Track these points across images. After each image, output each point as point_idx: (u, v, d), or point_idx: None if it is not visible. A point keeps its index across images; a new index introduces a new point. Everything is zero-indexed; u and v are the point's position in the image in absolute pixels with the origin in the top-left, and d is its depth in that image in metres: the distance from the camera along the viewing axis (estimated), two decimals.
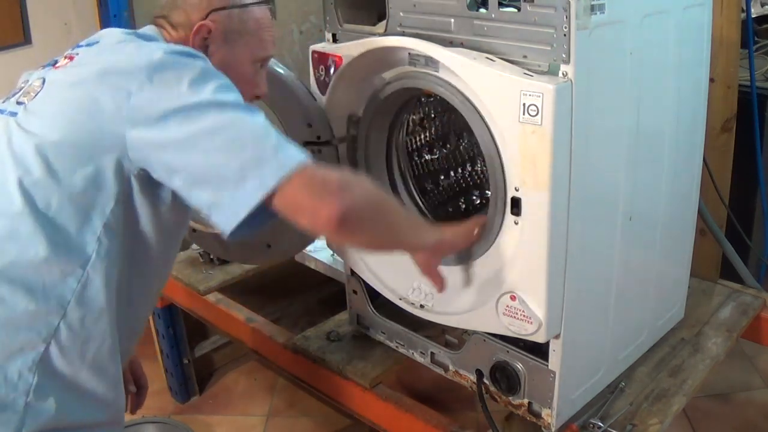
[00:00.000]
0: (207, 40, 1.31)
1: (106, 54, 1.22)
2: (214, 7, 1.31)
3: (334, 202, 1.09)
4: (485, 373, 1.65)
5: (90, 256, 1.14)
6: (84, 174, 1.13)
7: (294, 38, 2.65)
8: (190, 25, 1.30)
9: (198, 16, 1.30)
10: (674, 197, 1.74)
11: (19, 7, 2.86)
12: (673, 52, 1.58)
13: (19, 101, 1.22)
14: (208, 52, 1.29)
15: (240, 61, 1.34)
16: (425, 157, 1.90)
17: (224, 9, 1.31)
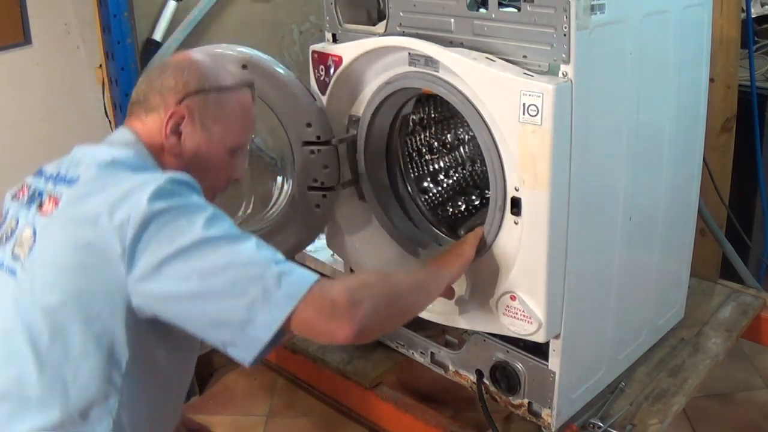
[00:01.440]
0: (180, 126, 1.24)
1: (93, 198, 1.11)
2: (189, 90, 1.24)
3: (346, 323, 1.08)
4: (485, 373, 1.65)
5: (114, 405, 1.11)
6: (94, 334, 1.09)
7: (294, 38, 2.65)
8: (165, 108, 1.24)
9: (173, 99, 1.24)
10: (674, 197, 1.74)
11: (19, 7, 2.86)
12: (673, 51, 1.58)
13: (15, 255, 1.16)
14: (181, 138, 1.24)
15: (215, 148, 1.27)
16: (425, 157, 1.90)
17: (200, 93, 1.25)
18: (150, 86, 1.26)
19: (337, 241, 1.78)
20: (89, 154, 1.21)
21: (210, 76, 1.26)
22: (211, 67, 1.28)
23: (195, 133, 1.25)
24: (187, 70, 1.25)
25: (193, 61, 1.27)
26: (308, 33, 2.67)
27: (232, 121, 1.28)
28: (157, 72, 1.27)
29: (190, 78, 1.24)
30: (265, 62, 1.59)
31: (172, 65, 1.27)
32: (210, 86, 1.25)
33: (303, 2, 2.64)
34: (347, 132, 1.66)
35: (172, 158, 1.24)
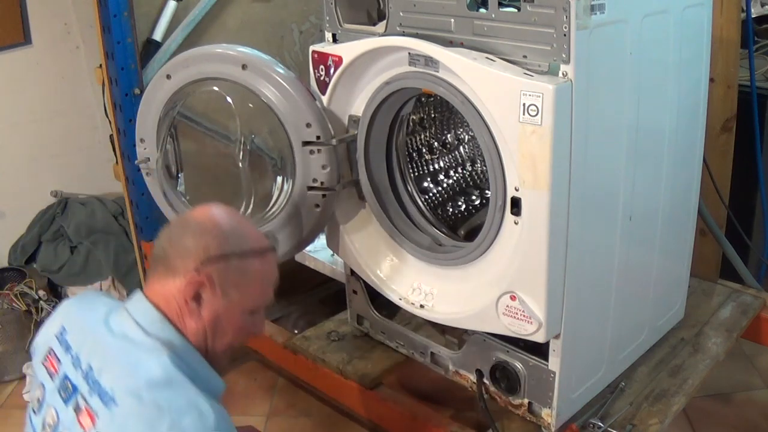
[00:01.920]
0: (199, 292, 1.20)
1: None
2: (210, 256, 1.20)
3: None
4: (485, 373, 1.65)
5: None
6: None
7: (294, 38, 2.65)
8: (184, 273, 1.20)
9: (193, 264, 1.19)
10: (674, 197, 1.74)
11: (19, 7, 2.86)
12: (673, 51, 1.58)
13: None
14: (200, 303, 1.21)
15: (234, 312, 1.24)
16: (425, 157, 1.90)
17: (222, 259, 1.20)
18: (171, 245, 1.22)
19: (337, 241, 1.78)
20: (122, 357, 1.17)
21: (232, 241, 1.22)
22: (234, 229, 1.24)
23: (215, 299, 1.21)
24: (209, 233, 1.21)
25: (215, 223, 1.23)
26: (308, 33, 2.67)
27: (253, 285, 1.25)
28: (179, 230, 1.24)
29: (211, 242, 1.20)
30: (265, 62, 1.59)
31: (194, 226, 1.23)
32: (232, 252, 1.21)
33: (303, 2, 2.64)
34: (347, 132, 1.66)
35: (192, 321, 1.22)
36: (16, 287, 2.87)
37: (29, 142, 3.03)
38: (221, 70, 1.61)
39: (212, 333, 1.23)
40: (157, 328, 1.19)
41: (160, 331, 1.19)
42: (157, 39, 2.36)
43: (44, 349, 1.28)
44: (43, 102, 3.04)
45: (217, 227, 1.22)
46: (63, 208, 3.08)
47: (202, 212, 1.25)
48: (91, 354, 1.20)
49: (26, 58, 2.95)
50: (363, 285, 1.85)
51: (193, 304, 1.21)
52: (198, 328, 1.22)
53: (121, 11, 2.19)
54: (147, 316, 1.21)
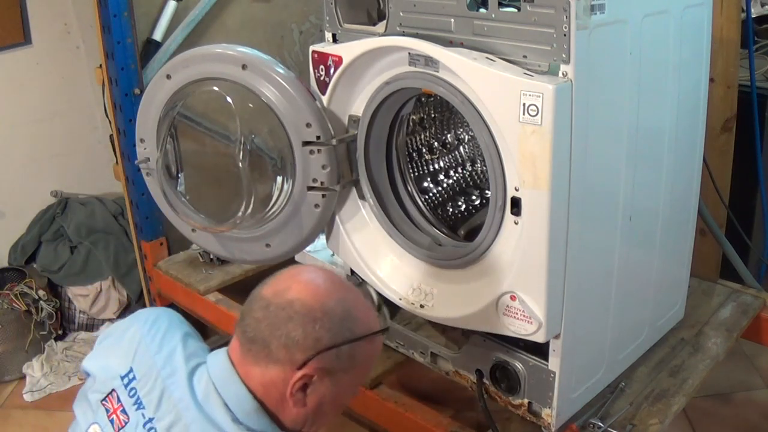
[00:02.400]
0: (308, 383, 1.12)
1: None
2: (320, 347, 1.09)
3: None
4: (485, 373, 1.65)
5: None
6: None
7: (294, 38, 2.65)
8: (290, 364, 1.10)
9: (302, 356, 1.09)
10: (674, 197, 1.74)
11: (19, 7, 2.86)
12: (673, 52, 1.58)
13: None
14: (306, 392, 1.12)
15: (341, 396, 1.17)
16: (425, 157, 1.90)
17: (332, 348, 1.10)
18: (273, 333, 1.10)
19: (337, 241, 1.78)
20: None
21: (344, 330, 1.12)
22: (347, 315, 1.13)
23: (323, 387, 1.13)
24: (319, 323, 1.10)
25: (325, 310, 1.11)
26: (308, 33, 2.67)
27: (363, 367, 1.18)
28: (282, 316, 1.10)
29: (323, 333, 1.10)
30: (265, 62, 1.59)
31: (302, 314, 1.10)
32: (344, 340, 1.11)
33: (303, 2, 2.64)
34: (347, 132, 1.66)
35: (294, 409, 1.14)
36: (16, 287, 2.88)
37: (29, 142, 3.03)
38: (221, 70, 1.61)
39: (314, 417, 1.16)
40: (253, 420, 1.11)
41: (254, 423, 1.11)
42: (157, 39, 2.36)
43: (105, 386, 1.20)
44: (43, 102, 3.04)
45: (327, 315, 1.11)
46: (63, 208, 3.08)
47: (308, 291, 1.12)
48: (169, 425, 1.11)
49: (26, 58, 2.95)
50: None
51: (299, 395, 1.12)
52: (299, 414, 1.14)
53: (121, 11, 2.19)
54: (243, 404, 1.12)
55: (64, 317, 3.04)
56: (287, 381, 1.10)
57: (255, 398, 1.12)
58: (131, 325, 1.27)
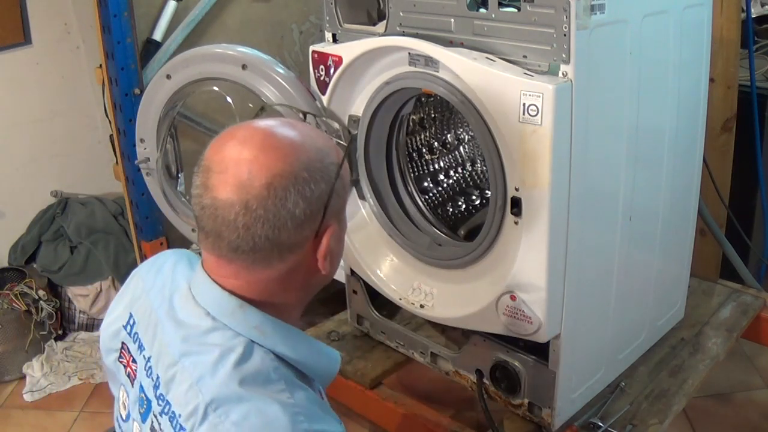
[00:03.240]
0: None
1: None
2: (326, 200, 0.97)
3: None
4: (485, 373, 1.65)
5: None
6: None
7: (294, 38, 2.65)
8: (307, 238, 0.97)
9: (315, 224, 0.96)
10: (674, 197, 1.74)
11: (19, 7, 2.86)
12: (673, 51, 1.58)
13: None
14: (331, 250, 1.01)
15: (345, 224, 1.08)
16: (425, 157, 1.90)
17: (332, 195, 0.98)
18: (276, 226, 0.93)
19: None
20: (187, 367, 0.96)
21: (329, 167, 0.99)
22: (320, 154, 0.98)
23: (338, 233, 1.02)
24: (311, 180, 0.95)
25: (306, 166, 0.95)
26: (308, 33, 2.67)
27: (349, 185, 1.06)
28: (276, 203, 0.93)
29: (320, 186, 0.96)
30: (265, 62, 1.59)
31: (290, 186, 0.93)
32: (334, 177, 0.99)
33: (303, 2, 2.64)
34: (347, 132, 1.66)
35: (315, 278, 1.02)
36: (16, 287, 2.87)
37: (29, 142, 3.03)
38: (221, 70, 1.61)
39: (334, 267, 1.04)
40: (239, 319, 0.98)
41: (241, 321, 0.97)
42: (157, 39, 2.36)
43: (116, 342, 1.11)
44: (43, 102, 3.04)
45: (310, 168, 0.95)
46: (63, 208, 3.08)
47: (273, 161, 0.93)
48: (159, 359, 1.00)
49: (26, 58, 2.95)
50: (363, 285, 1.85)
51: (329, 256, 1.00)
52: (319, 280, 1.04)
53: (121, 11, 2.18)
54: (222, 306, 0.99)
55: (64, 317, 3.03)
56: (310, 256, 0.98)
57: (235, 295, 0.98)
58: (135, 274, 1.18)
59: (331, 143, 1.03)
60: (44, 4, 2.93)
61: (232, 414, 0.90)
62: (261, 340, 0.97)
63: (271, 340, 0.98)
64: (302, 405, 0.93)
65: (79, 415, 2.65)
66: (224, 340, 0.96)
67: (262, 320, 0.98)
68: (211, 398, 0.92)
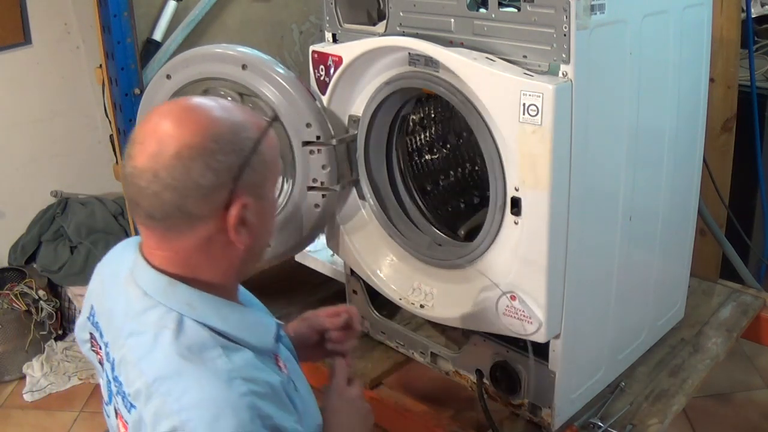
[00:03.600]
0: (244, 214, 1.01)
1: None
2: (234, 173, 0.98)
3: None
4: (485, 373, 1.65)
5: None
6: None
7: (294, 38, 2.65)
8: (216, 210, 0.99)
9: (224, 194, 0.98)
10: (674, 197, 1.74)
11: (19, 7, 2.86)
12: (673, 51, 1.58)
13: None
14: (248, 223, 1.01)
15: (273, 201, 1.09)
16: (425, 157, 1.90)
17: (244, 167, 0.99)
18: (182, 194, 0.96)
19: (337, 241, 1.78)
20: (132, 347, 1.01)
21: (244, 141, 1.00)
22: (234, 127, 1.00)
23: (258, 209, 1.03)
24: (219, 152, 0.97)
25: (215, 138, 0.98)
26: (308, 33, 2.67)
27: (274, 163, 1.06)
28: (182, 171, 0.96)
29: (229, 159, 0.98)
30: (265, 62, 1.59)
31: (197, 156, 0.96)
32: (249, 151, 1.00)
33: (303, 2, 2.64)
34: (347, 132, 1.66)
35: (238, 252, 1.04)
36: (16, 287, 2.88)
37: (29, 142, 3.03)
38: (221, 70, 1.61)
39: (262, 242, 1.08)
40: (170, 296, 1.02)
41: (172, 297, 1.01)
42: (157, 39, 2.36)
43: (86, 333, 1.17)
44: (43, 102, 3.04)
45: (219, 140, 0.98)
46: (63, 208, 3.08)
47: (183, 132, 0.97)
48: (113, 342, 1.06)
49: (26, 58, 2.95)
50: (363, 285, 1.85)
51: (244, 231, 1.01)
52: (243, 254, 1.05)
53: (121, 11, 2.18)
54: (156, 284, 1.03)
55: (64, 317, 3.04)
56: (221, 228, 1.00)
57: (166, 274, 1.02)
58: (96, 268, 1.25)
59: (254, 120, 1.05)
60: (44, 4, 2.93)
61: (173, 391, 0.94)
62: (192, 314, 1.01)
63: (201, 313, 1.01)
64: (240, 367, 0.97)
65: (79, 415, 2.65)
66: (158, 318, 1.00)
67: (192, 295, 1.02)
68: (153, 377, 0.96)
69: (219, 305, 1.04)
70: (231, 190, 0.99)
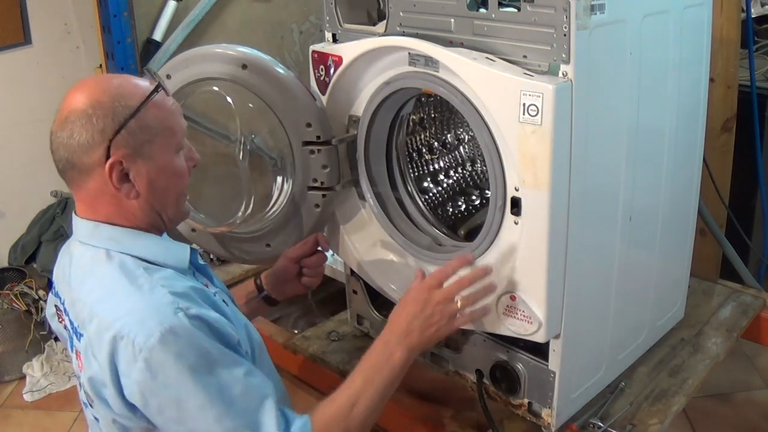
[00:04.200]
0: (124, 170, 1.19)
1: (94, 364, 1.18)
2: (109, 136, 1.16)
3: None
4: (485, 373, 1.65)
5: None
6: None
7: (294, 38, 2.66)
8: (98, 164, 1.17)
9: (101, 151, 1.17)
10: (674, 197, 1.74)
11: (19, 7, 2.86)
12: (673, 51, 1.58)
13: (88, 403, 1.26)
14: (131, 178, 1.20)
15: (164, 164, 1.23)
16: (425, 157, 1.90)
17: (120, 130, 1.17)
18: (69, 150, 1.18)
19: (337, 241, 1.78)
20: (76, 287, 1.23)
21: (119, 108, 1.17)
22: (113, 96, 1.18)
23: (141, 167, 1.20)
24: (94, 116, 1.16)
25: (93, 104, 1.17)
26: (308, 33, 2.68)
27: (163, 129, 1.22)
28: (68, 132, 1.17)
29: (103, 122, 1.16)
30: (265, 62, 1.59)
31: (77, 119, 1.16)
32: (125, 118, 1.17)
33: (303, 2, 2.65)
34: (347, 132, 1.66)
35: (134, 202, 1.22)
36: (16, 287, 2.88)
37: (29, 142, 3.03)
38: (221, 70, 1.61)
39: (159, 197, 1.24)
40: (96, 238, 1.23)
41: (99, 238, 1.22)
42: (157, 39, 2.36)
43: (52, 308, 1.38)
44: (43, 102, 3.04)
45: (96, 106, 1.16)
46: (63, 208, 3.08)
47: (73, 100, 1.18)
48: (65, 295, 1.27)
49: (26, 58, 2.95)
50: (363, 285, 1.85)
51: (126, 186, 1.20)
52: (142, 204, 1.23)
53: (121, 11, 2.19)
54: (82, 230, 1.24)
55: None
56: (106, 180, 1.18)
57: (89, 220, 1.23)
58: None
59: (140, 92, 1.21)
60: (44, 4, 2.93)
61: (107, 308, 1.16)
62: (117, 247, 1.22)
63: (124, 245, 1.22)
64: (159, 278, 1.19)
65: (79, 415, 2.65)
66: (90, 256, 1.22)
67: (114, 231, 1.23)
68: (92, 302, 1.18)
69: (139, 236, 1.24)
70: (106, 148, 1.17)
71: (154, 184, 1.22)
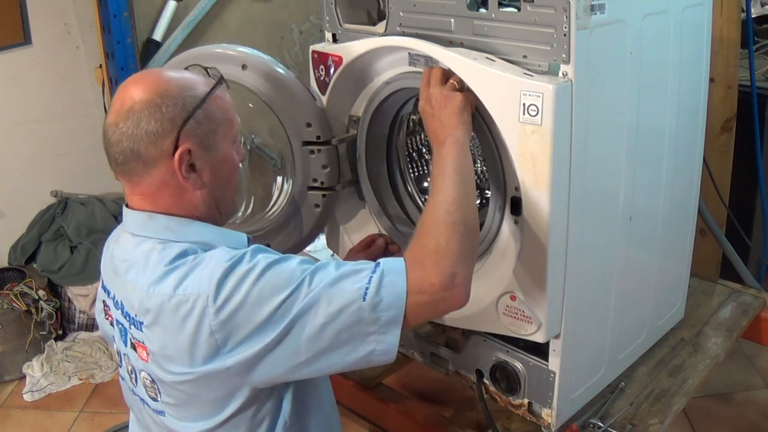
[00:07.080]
0: (191, 160, 1.18)
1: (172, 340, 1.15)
2: (179, 123, 1.16)
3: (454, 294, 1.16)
4: (485, 373, 1.65)
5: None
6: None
7: (294, 38, 2.66)
8: (165, 155, 1.17)
9: (169, 141, 1.16)
10: (674, 197, 1.74)
11: (19, 7, 2.86)
12: (673, 51, 1.58)
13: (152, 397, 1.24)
14: (197, 169, 1.19)
15: (225, 155, 1.24)
16: (425, 157, 1.90)
17: (189, 119, 1.17)
18: (135, 141, 1.16)
19: (337, 241, 1.78)
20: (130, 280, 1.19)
21: (187, 98, 1.18)
22: (181, 87, 1.19)
23: (206, 157, 1.20)
24: (164, 105, 1.16)
25: (161, 94, 1.17)
26: (308, 33, 2.68)
27: (225, 120, 1.23)
28: (134, 122, 1.16)
29: (172, 111, 1.16)
30: (265, 62, 1.59)
31: (145, 109, 1.16)
32: (193, 107, 1.18)
33: (303, 2, 2.65)
34: (347, 132, 1.66)
35: (198, 193, 1.21)
36: (16, 287, 2.88)
37: (29, 142, 3.04)
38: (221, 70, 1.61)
39: (221, 188, 1.24)
40: (151, 229, 1.20)
41: (153, 229, 1.20)
42: (157, 39, 2.36)
43: (100, 303, 1.34)
44: (43, 102, 3.04)
45: (165, 96, 1.17)
46: (63, 208, 3.08)
47: (138, 91, 1.17)
48: (117, 289, 1.24)
49: (26, 58, 2.95)
50: None
51: (193, 176, 1.19)
52: (205, 196, 1.22)
53: (121, 11, 2.19)
54: (138, 222, 1.21)
55: (64, 317, 3.04)
56: (173, 171, 1.17)
57: (144, 211, 1.21)
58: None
59: (204, 83, 1.23)
60: (44, 4, 2.93)
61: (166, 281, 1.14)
62: (172, 236, 1.19)
63: (181, 234, 1.20)
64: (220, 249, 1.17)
65: (79, 415, 2.65)
66: (145, 248, 1.19)
67: (169, 221, 1.20)
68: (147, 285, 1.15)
69: (195, 225, 1.22)
70: (175, 138, 1.16)
71: (218, 175, 1.22)
